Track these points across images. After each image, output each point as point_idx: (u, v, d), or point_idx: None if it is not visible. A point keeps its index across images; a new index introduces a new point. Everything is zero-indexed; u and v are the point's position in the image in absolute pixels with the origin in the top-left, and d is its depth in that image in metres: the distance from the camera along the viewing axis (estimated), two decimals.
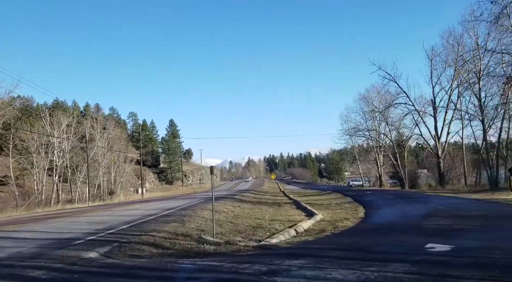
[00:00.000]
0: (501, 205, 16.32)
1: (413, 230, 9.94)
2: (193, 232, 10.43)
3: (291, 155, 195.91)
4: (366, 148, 53.78)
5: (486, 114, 31.34)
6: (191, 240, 9.08)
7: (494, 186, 29.87)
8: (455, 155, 43.12)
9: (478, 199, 20.99)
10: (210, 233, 10.09)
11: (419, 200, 21.58)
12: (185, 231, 10.52)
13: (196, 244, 8.65)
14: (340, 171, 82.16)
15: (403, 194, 29.15)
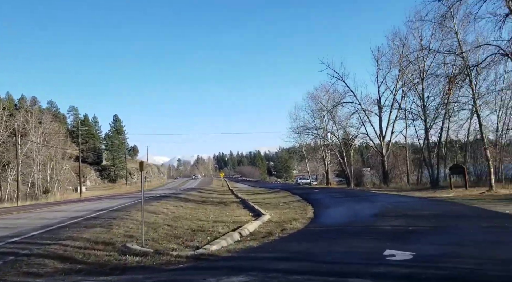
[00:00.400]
0: (446, 203, 16.17)
1: (366, 233, 9.06)
2: (119, 239, 8.81)
3: (241, 153, 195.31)
4: (314, 146, 54.00)
5: (428, 114, 32.10)
6: (112, 250, 7.48)
7: (435, 184, 30.61)
8: (398, 153, 44.22)
9: (422, 197, 21.05)
10: (140, 240, 8.55)
11: (367, 198, 21.25)
12: (109, 238, 8.87)
13: (117, 255, 7.09)
14: (288, 169, 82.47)
15: (350, 192, 29.00)
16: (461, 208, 13.68)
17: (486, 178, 28.83)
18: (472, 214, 11.84)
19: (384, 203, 16.84)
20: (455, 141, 35.14)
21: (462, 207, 14.21)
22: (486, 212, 12.37)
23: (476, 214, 11.78)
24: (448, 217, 11.16)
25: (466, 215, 11.76)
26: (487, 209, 13.29)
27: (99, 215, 14.33)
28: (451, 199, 18.61)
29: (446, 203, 16.49)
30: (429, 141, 33.07)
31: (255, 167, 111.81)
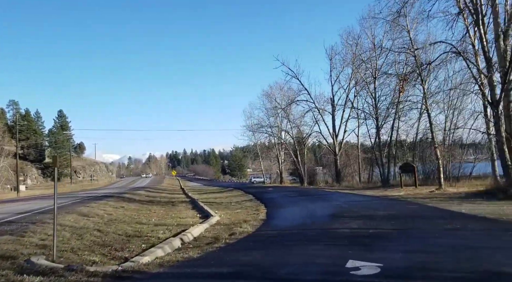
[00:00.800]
0: (401, 203, 15.69)
1: (324, 238, 8.02)
2: (26, 250, 7.12)
3: (195, 152, 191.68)
4: (268, 145, 53.26)
5: (380, 113, 32.24)
6: (9, 267, 5.82)
7: (385, 183, 30.74)
8: (350, 152, 44.47)
9: (374, 195, 20.67)
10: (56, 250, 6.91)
11: (321, 197, 20.53)
12: (13, 249, 7.14)
13: (13, 274, 5.45)
14: (242, 167, 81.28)
15: (304, 191, 28.34)
16: (417, 208, 13.12)
17: (434, 176, 29.32)
18: (431, 214, 11.24)
19: (339, 203, 16.10)
20: (405, 141, 35.69)
21: (418, 206, 13.69)
22: (443, 212, 11.85)
23: (435, 214, 11.19)
24: (408, 218, 10.43)
25: (424, 215, 11.13)
26: (443, 208, 12.83)
27: (18, 219, 12.28)
28: (403, 198, 18.30)
29: (400, 202, 16.02)
30: (380, 140, 33.28)
31: (209, 166, 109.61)
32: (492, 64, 17.75)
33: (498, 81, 17.42)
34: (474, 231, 7.91)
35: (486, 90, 18.26)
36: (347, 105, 37.34)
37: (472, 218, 10.12)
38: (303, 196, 22.42)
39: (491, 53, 17.94)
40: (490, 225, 8.85)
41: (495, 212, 11.19)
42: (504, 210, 11.67)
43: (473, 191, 19.48)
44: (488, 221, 9.35)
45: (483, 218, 10.03)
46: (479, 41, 18.08)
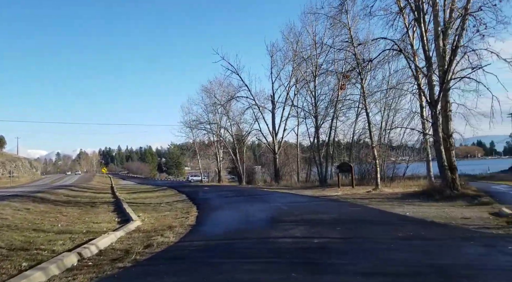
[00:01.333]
0: (343, 204, 14.74)
1: (262, 251, 6.46)
2: None
3: (130, 148, 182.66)
4: (207, 142, 51.11)
5: (319, 112, 31.77)
6: None
7: (323, 182, 30.31)
8: (289, 151, 43.94)
9: (313, 196, 19.78)
10: None
11: (259, 197, 19.13)
12: None
13: None
14: (180, 165, 77.73)
15: (242, 190, 26.85)
16: (361, 211, 12.13)
17: (370, 177, 29.38)
18: (377, 219, 10.22)
19: (278, 204, 14.75)
20: (343, 140, 35.72)
21: (362, 208, 12.75)
22: (388, 215, 10.93)
23: (381, 219, 10.19)
24: (354, 223, 9.26)
25: (370, 219, 10.06)
26: (387, 211, 11.97)
27: None
28: (343, 198, 17.52)
29: (342, 203, 15.08)
30: (319, 139, 32.84)
31: (144, 163, 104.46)
32: (432, 64, 17.53)
33: (438, 80, 17.20)
34: (432, 241, 6.82)
35: (425, 90, 18.02)
36: (287, 103, 36.62)
37: (421, 223, 9.20)
38: (240, 196, 20.88)
39: (431, 52, 17.72)
40: (443, 232, 7.90)
41: (440, 215, 10.48)
42: (448, 213, 11.03)
43: (409, 192, 19.31)
44: (440, 227, 8.43)
45: (431, 223, 9.15)
46: (420, 39, 17.77)
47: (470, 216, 10.18)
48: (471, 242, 6.50)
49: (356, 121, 30.87)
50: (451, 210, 11.96)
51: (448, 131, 17.53)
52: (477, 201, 14.20)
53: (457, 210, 11.80)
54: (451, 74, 16.80)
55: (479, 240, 6.71)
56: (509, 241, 6.61)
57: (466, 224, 8.75)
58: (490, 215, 10.41)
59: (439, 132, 17.02)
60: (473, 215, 10.50)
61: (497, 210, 11.33)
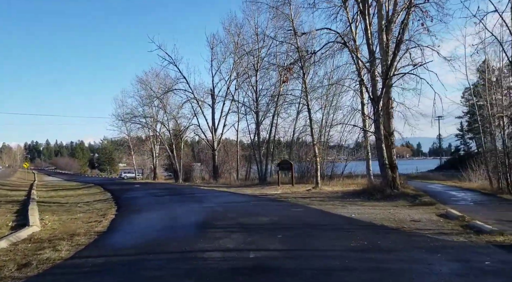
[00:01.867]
0: (283, 205, 13.46)
1: (179, 276, 4.70)
2: None
3: (60, 143, 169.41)
4: (145, 137, 47.72)
5: (260, 108, 30.54)
6: None
7: (263, 180, 29.15)
8: (229, 148, 42.31)
9: (252, 194, 18.42)
10: None
11: (194, 196, 17.29)
12: None
13: None
14: (113, 161, 72.37)
15: (177, 188, 24.71)
16: (303, 212, 10.84)
17: (309, 175, 28.75)
18: (321, 222, 8.93)
19: (213, 204, 13.06)
20: (283, 138, 34.85)
21: (303, 209, 11.49)
22: (333, 217, 9.74)
23: (326, 222, 8.92)
24: (296, 229, 7.86)
25: (314, 223, 8.73)
26: (331, 212, 10.81)
27: None
28: (283, 197, 16.33)
29: (282, 203, 13.78)
30: (260, 136, 31.61)
31: (74, 159, 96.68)
32: (375, 58, 16.88)
33: (381, 76, 16.57)
34: (393, 255, 5.55)
35: (368, 86, 17.35)
36: (227, 98, 34.89)
37: (371, 227, 8.04)
38: (173, 194, 18.84)
39: (375, 47, 17.08)
40: (399, 239, 6.73)
41: (388, 218, 9.49)
42: (394, 215, 10.12)
43: (349, 191, 18.68)
44: (394, 234, 7.28)
45: (382, 227, 8.03)
46: (364, 33, 17.06)
47: (419, 218, 9.29)
48: (438, 255, 5.32)
49: (297, 119, 30.10)
50: (396, 211, 11.10)
51: (389, 129, 17.00)
52: (418, 200, 13.68)
53: (402, 211, 10.95)
54: (393, 70, 16.24)
55: (445, 252, 5.57)
56: (479, 252, 5.54)
57: (419, 229, 7.74)
58: (439, 217, 9.62)
59: (381, 130, 16.40)
60: (421, 217, 9.65)
61: (443, 211, 10.66)
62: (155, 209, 12.51)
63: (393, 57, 15.73)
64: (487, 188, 17.88)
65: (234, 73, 34.12)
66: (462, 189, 19.23)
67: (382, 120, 16.51)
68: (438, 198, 14.51)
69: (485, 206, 12.01)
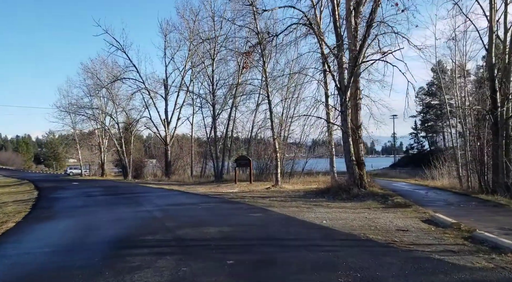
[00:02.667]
0: (239, 207, 11.19)
1: None
2: None
3: (5, 137, 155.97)
4: (89, 131, 43.52)
5: (217, 100, 28.06)
6: None
7: (219, 178, 26.77)
8: (184, 143, 39.42)
9: (206, 193, 16.08)
10: None
11: (133, 197, 14.59)
12: None
13: None
14: (59, 156, 66.17)
15: (119, 186, 21.70)
16: (263, 219, 8.61)
17: (268, 172, 26.75)
18: (289, 235, 6.73)
19: (152, 208, 10.53)
20: (241, 132, 32.54)
21: (264, 214, 9.26)
22: (302, 226, 7.58)
23: (294, 235, 6.73)
24: (256, 248, 5.62)
25: (278, 236, 6.54)
26: (297, 218, 8.70)
27: None
28: (239, 197, 14.15)
29: (238, 206, 11.51)
30: (216, 131, 29.13)
31: (17, 153, 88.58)
32: (343, 43, 15.01)
33: (348, 63, 14.73)
34: None
35: (335, 75, 15.45)
36: (181, 88, 31.98)
37: (354, 242, 5.95)
38: (110, 194, 16.00)
39: (342, 31, 15.21)
40: (400, 264, 4.65)
41: (367, 225, 7.51)
42: (373, 220, 8.20)
43: (312, 189, 16.84)
44: (389, 254, 5.20)
45: (368, 241, 5.99)
46: (331, 15, 15.11)
47: (405, 226, 7.39)
48: None
49: (256, 112, 27.91)
50: (372, 215, 9.20)
51: (357, 122, 15.24)
52: (390, 201, 11.99)
53: (379, 216, 9.06)
54: (362, 58, 14.45)
55: None
56: None
57: (415, 244, 5.75)
58: (427, 224, 7.77)
59: (348, 122, 14.59)
60: (406, 224, 7.76)
61: (426, 215, 8.89)
62: (74, 214, 9.75)
63: (363, 42, 13.91)
64: (456, 186, 16.64)
65: (189, 63, 31.37)
66: (429, 187, 17.92)
67: (349, 112, 14.70)
68: (410, 198, 12.88)
69: (470, 209, 10.41)
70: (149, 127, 35.54)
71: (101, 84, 33.15)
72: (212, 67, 27.44)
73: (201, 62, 28.85)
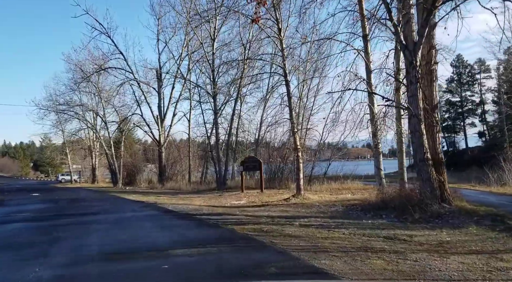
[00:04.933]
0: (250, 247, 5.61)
1: None
2: None
3: (9, 143, 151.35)
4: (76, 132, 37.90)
5: (219, 89, 22.58)
6: None
7: (222, 184, 21.29)
8: (183, 146, 33.81)
9: (202, 207, 10.74)
10: None
11: (69, 225, 9.01)
12: None
13: None
14: (53, 162, 60.72)
15: (80, 200, 16.08)
16: None
17: (282, 177, 21.22)
18: None
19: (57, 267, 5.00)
20: (248, 131, 26.96)
21: None
22: None
23: None
24: None
25: None
26: None
27: None
28: (248, 215, 8.70)
29: (249, 243, 5.95)
30: (218, 128, 23.65)
31: (14, 160, 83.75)
32: None
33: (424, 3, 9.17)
34: None
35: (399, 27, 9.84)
36: (177, 79, 26.53)
37: None
38: (40, 219, 10.35)
39: None
40: None
41: None
42: None
43: (352, 202, 11.54)
44: None
45: None
46: None
47: None
48: None
49: (266, 102, 22.31)
50: None
51: (432, 99, 9.67)
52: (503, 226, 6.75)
53: None
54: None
55: None
56: None
57: None
58: None
59: (419, 100, 9.04)
60: None
61: None
62: None
63: None
64: None
65: (186, 49, 25.93)
66: None
67: (420, 86, 9.14)
68: None
69: None
70: (140, 126, 30.13)
71: (83, 76, 27.68)
72: (212, 49, 22.01)
73: (200, 44, 23.39)
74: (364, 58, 13.06)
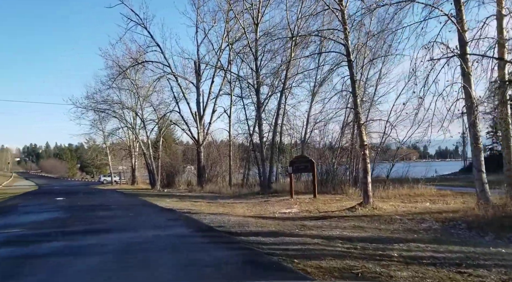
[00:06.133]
0: None
1: None
2: None
3: (60, 145, 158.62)
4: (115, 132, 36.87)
5: (263, 80, 19.97)
6: None
7: (266, 187, 18.66)
8: (223, 145, 31.54)
9: (243, 222, 8.19)
10: None
11: (74, 244, 6.67)
12: None
13: None
14: (96, 163, 61.00)
15: (115, 204, 14.09)
16: None
17: (336, 180, 18.21)
18: None
19: None
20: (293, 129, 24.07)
21: None
22: None
23: None
24: None
25: None
26: None
27: None
28: (307, 234, 5.92)
29: None
30: (262, 124, 21.06)
31: (61, 161, 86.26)
32: None
33: None
34: None
35: None
36: (217, 73, 24.26)
37: None
38: (46, 234, 8.14)
39: None
40: None
41: None
42: None
43: (448, 215, 8.58)
44: None
45: None
46: None
47: None
48: None
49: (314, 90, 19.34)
50: None
51: None
52: None
53: None
54: None
55: None
56: None
57: None
58: None
59: None
60: None
61: None
62: None
63: None
64: None
65: (227, 39, 23.60)
66: None
67: None
68: None
69: None
70: (178, 124, 28.21)
71: (119, 70, 26.11)
72: (256, 35, 19.46)
73: (242, 33, 20.89)
74: (457, 26, 9.82)
